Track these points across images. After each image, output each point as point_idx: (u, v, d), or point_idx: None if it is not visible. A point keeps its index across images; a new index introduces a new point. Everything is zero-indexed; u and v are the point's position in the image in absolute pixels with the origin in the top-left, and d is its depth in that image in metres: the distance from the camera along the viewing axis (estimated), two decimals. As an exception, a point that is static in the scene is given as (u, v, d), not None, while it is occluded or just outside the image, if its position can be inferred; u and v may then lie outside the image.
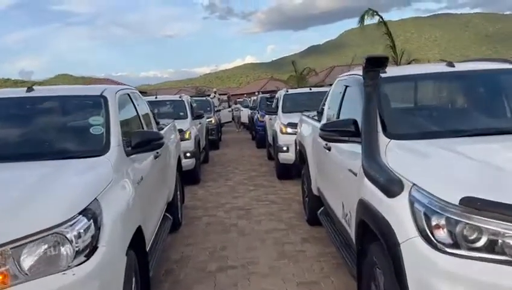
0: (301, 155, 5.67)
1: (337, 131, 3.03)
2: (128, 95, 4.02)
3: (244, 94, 42.28)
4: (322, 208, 4.63)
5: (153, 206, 3.65)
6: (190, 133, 8.31)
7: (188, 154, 8.04)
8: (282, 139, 8.17)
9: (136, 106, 4.08)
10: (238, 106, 24.46)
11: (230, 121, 23.56)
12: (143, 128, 4.01)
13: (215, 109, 16.87)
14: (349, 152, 3.14)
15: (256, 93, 33.44)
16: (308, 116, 5.71)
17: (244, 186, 8.15)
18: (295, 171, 8.29)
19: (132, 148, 3.11)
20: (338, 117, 3.92)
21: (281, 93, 9.77)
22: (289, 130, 8.08)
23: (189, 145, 8.12)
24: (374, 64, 2.90)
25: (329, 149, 3.80)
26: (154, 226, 3.62)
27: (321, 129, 3.15)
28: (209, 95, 24.05)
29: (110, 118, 3.16)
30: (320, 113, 5.10)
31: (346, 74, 4.18)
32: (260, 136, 14.01)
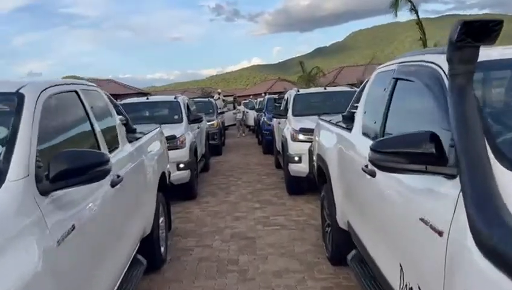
0: (320, 171, 4.38)
1: (406, 154, 1.72)
2: (77, 93, 2.76)
3: (250, 95, 41.05)
4: (355, 252, 3.33)
5: (102, 265, 2.37)
6: (185, 140, 7.05)
7: (182, 166, 6.79)
8: (294, 148, 6.88)
9: (89, 110, 2.82)
10: (241, 107, 21.88)
11: (235, 124, 22.28)
12: (98, 146, 2.74)
13: (219, 111, 15.60)
14: (421, 190, 1.86)
15: (263, 94, 32.16)
16: (329, 122, 4.42)
17: (248, 204, 6.87)
18: (308, 184, 7.03)
19: (51, 182, 1.85)
20: (384, 126, 2.63)
21: (291, 94, 8.49)
22: (301, 136, 6.80)
23: (183, 154, 6.87)
24: (473, 36, 1.60)
25: (372, 175, 2.51)
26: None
27: (374, 150, 1.84)
28: (213, 96, 22.87)
29: (20, 131, 1.90)
30: (348, 119, 3.82)
31: (394, 61, 2.87)
32: (267, 141, 12.74)
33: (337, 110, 8.13)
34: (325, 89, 8.49)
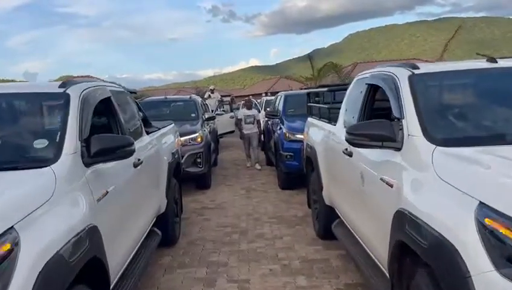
0: None
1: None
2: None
3: (249, 96, 35.79)
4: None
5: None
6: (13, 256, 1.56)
7: None
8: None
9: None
10: (252, 113, 10.19)
11: (232, 131, 16.74)
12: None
13: (209, 116, 9.93)
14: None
15: (263, 95, 26.56)
16: None
17: None
18: None
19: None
20: None
21: (398, 75, 2.86)
22: None
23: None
24: None
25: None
26: None
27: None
28: (203, 96, 17.44)
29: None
30: None
31: None
32: (288, 168, 7.33)
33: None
34: (491, 60, 2.88)
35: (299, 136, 7.04)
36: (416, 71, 2.84)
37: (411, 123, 2.45)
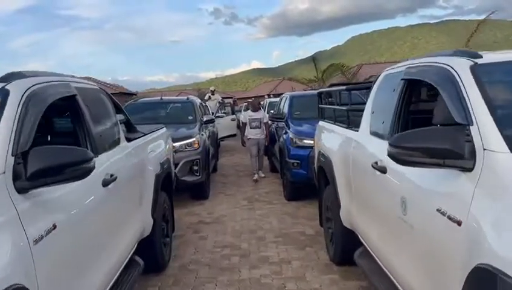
0: None
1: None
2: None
3: (252, 98, 35.17)
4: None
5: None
6: None
7: None
8: None
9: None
10: (259, 116, 8.90)
11: (233, 135, 16.00)
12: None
13: (207, 119, 9.13)
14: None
15: (266, 96, 25.76)
16: None
17: None
18: None
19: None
20: None
21: (454, 66, 1.93)
22: None
23: None
24: None
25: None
26: None
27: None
28: (204, 98, 16.77)
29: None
30: None
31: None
32: (295, 177, 6.59)
33: None
34: None
35: (307, 142, 6.33)
36: (479, 60, 2.09)
37: (487, 132, 1.69)
